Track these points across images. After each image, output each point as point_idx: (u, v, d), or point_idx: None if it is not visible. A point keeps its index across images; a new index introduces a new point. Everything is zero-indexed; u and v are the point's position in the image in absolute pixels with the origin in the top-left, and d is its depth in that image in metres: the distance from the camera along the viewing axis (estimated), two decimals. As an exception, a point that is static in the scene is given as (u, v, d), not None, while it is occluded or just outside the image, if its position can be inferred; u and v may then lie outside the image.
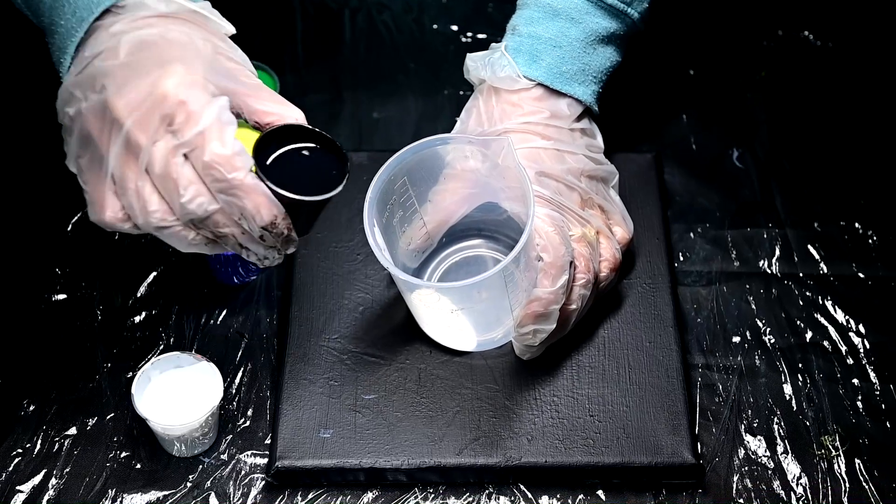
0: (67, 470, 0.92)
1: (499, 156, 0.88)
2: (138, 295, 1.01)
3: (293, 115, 0.80)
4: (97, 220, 0.79)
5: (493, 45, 0.97)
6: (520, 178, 0.87)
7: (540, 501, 0.91)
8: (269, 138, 0.79)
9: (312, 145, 0.80)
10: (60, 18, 0.78)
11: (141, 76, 0.75)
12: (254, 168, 0.77)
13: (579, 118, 0.96)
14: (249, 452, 0.93)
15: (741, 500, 0.91)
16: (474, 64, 0.97)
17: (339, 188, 0.79)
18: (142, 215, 0.77)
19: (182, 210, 0.76)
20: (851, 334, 0.99)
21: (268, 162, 0.79)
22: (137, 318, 1.00)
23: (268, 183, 0.77)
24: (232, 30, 0.82)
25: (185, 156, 0.75)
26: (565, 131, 0.95)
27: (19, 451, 0.93)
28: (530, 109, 0.94)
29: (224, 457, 0.93)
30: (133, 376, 0.91)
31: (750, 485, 0.91)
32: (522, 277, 0.89)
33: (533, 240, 0.89)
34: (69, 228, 1.04)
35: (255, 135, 0.79)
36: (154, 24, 0.77)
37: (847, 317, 1.00)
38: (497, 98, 0.95)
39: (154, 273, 1.02)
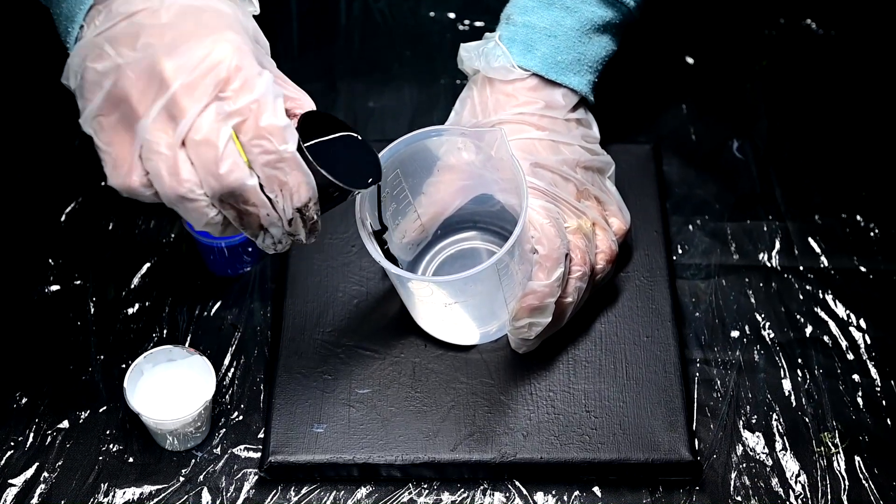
0: (60, 463, 0.91)
1: (492, 147, 0.87)
2: (131, 287, 1.00)
3: (310, 104, 0.79)
4: (119, 184, 0.74)
5: (486, 34, 0.96)
6: (513, 170, 0.86)
7: (535, 498, 0.90)
8: (307, 122, 0.78)
9: (350, 134, 0.80)
10: None
11: (194, 38, 0.72)
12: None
13: (575, 108, 0.95)
14: (242, 447, 0.92)
15: (739, 498, 0.90)
16: (468, 54, 0.96)
17: (375, 182, 0.80)
18: (170, 183, 0.73)
19: (217, 181, 0.73)
20: (852, 329, 0.98)
21: (305, 145, 0.77)
22: (130, 310, 0.99)
23: (313, 163, 0.76)
24: (257, 9, 0.79)
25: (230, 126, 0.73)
26: (560, 122, 0.94)
27: (11, 444, 0.92)
28: (525, 100, 0.93)
29: (217, 451, 0.92)
30: (126, 369, 0.90)
31: (748, 482, 0.90)
32: (517, 270, 0.88)
33: (528, 232, 0.88)
34: (62, 219, 1.04)
35: None
36: None
37: (848, 311, 0.99)
38: (491, 89, 0.94)
39: (147, 265, 1.01)
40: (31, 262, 1.01)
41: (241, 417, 0.94)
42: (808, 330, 0.98)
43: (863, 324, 0.98)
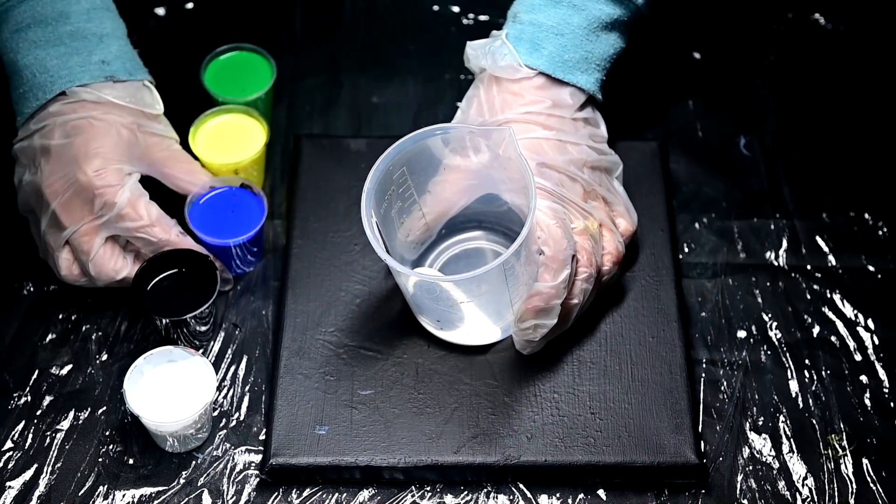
0: (59, 465, 0.91)
1: (500, 146, 0.86)
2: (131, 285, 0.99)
3: (202, 180, 0.96)
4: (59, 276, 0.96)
5: (493, 32, 0.95)
6: (521, 170, 0.85)
7: (539, 501, 0.89)
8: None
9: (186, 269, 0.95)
10: (20, 87, 0.94)
11: (66, 165, 0.91)
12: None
13: (582, 107, 0.94)
14: (243, 448, 0.91)
15: (745, 501, 0.89)
16: (475, 52, 0.95)
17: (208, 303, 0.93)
18: (65, 274, 0.94)
19: (93, 280, 0.94)
20: (860, 329, 0.97)
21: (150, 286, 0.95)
22: (130, 309, 0.98)
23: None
24: (160, 110, 0.96)
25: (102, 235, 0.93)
26: (568, 121, 0.92)
27: (10, 445, 0.91)
28: (532, 99, 0.92)
29: (218, 452, 0.91)
30: (126, 369, 0.89)
31: (754, 485, 0.90)
32: (523, 271, 0.87)
33: (534, 233, 0.87)
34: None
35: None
36: (85, 109, 0.92)
37: (855, 311, 0.98)
38: (498, 87, 0.93)
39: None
40: (32, 262, 1.00)
41: (242, 418, 0.93)
42: (816, 330, 0.97)
43: (871, 324, 0.97)
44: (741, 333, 0.97)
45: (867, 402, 0.93)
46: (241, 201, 0.97)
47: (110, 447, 0.91)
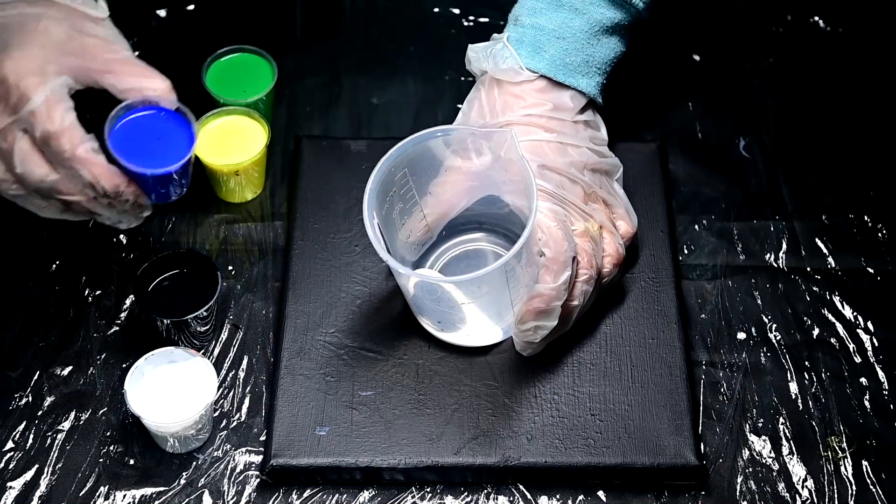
0: (59, 465, 0.91)
1: (501, 148, 0.86)
2: (132, 287, 0.99)
3: (155, 86, 0.86)
4: None
5: (494, 35, 0.95)
6: (522, 172, 0.85)
7: (539, 502, 0.89)
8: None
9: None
10: None
11: None
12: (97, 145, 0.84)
13: (583, 110, 0.94)
14: (244, 449, 0.92)
15: (745, 503, 0.89)
16: (476, 55, 0.95)
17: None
18: None
19: (23, 181, 0.84)
20: (859, 331, 0.97)
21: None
22: (131, 310, 0.98)
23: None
24: (103, 13, 0.88)
25: (25, 130, 0.83)
26: (568, 124, 0.93)
27: (11, 445, 0.91)
28: (533, 101, 0.92)
29: (218, 453, 0.91)
30: (127, 370, 0.90)
31: (754, 487, 0.90)
32: (524, 273, 0.88)
33: (535, 235, 0.87)
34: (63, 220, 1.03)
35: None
36: (17, 7, 0.85)
37: (855, 313, 0.98)
38: (499, 90, 0.93)
39: (146, 264, 1.00)
40: (33, 263, 1.00)
41: (242, 420, 0.93)
42: (815, 332, 0.97)
43: (870, 326, 0.97)
44: (741, 335, 0.97)
45: (867, 403, 0.93)
46: (170, 126, 0.88)
47: (111, 448, 0.91)
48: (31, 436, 0.92)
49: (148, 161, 0.86)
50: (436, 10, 1.16)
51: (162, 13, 1.15)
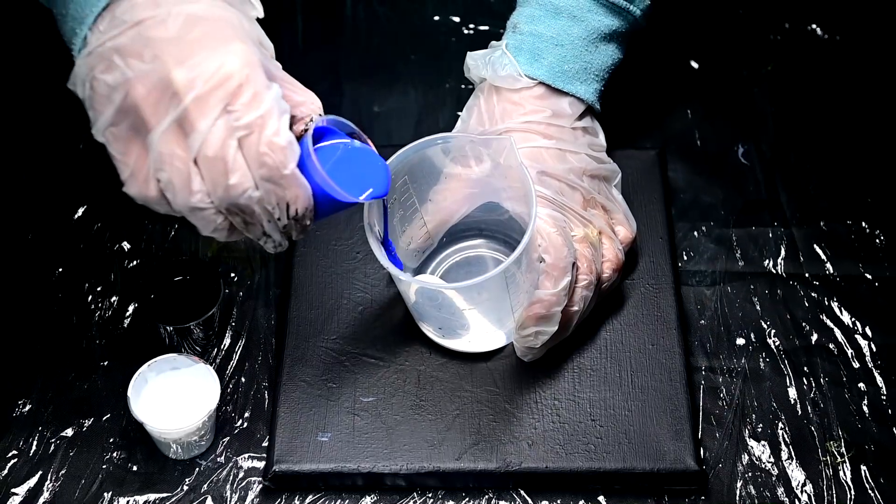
0: (63, 472, 0.91)
1: (500, 155, 0.87)
2: (135, 293, 1.00)
3: (317, 105, 0.79)
4: (137, 194, 0.75)
5: (493, 43, 0.95)
6: (522, 178, 0.86)
7: (540, 507, 0.90)
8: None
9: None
10: None
11: (204, 50, 0.71)
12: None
13: (581, 117, 0.94)
14: (247, 455, 0.92)
15: (744, 507, 0.90)
16: (475, 63, 0.95)
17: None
18: (182, 195, 0.73)
19: (225, 194, 0.73)
20: (857, 337, 0.97)
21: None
22: (134, 317, 0.98)
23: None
24: (261, 13, 0.78)
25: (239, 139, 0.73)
26: (567, 130, 0.93)
27: (14, 452, 0.92)
28: (532, 108, 0.92)
29: (221, 459, 0.92)
30: (130, 376, 0.90)
31: (753, 491, 0.90)
32: (524, 279, 0.88)
33: (535, 241, 0.88)
34: (67, 226, 1.03)
35: None
36: (197, 2, 0.73)
37: (853, 318, 0.98)
38: (498, 97, 0.93)
39: (149, 271, 1.00)
40: (36, 270, 1.00)
41: (245, 426, 0.93)
42: (814, 337, 0.97)
43: (868, 331, 0.98)
44: (740, 341, 0.97)
45: (865, 408, 0.94)
46: (362, 153, 0.81)
47: (114, 454, 0.92)
48: (35, 442, 0.92)
49: (353, 188, 0.80)
50: (436, 18, 1.17)
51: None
